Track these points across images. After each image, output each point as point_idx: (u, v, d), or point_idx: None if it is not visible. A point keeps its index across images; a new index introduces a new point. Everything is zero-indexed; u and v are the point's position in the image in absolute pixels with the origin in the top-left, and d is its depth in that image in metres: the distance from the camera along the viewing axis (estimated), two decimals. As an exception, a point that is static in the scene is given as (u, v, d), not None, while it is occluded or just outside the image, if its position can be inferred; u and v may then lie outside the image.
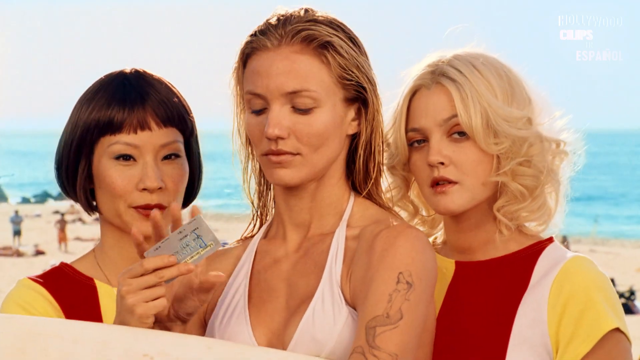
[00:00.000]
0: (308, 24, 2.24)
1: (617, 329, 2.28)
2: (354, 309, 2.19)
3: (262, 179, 2.39)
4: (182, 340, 2.10)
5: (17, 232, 33.56)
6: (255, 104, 2.25)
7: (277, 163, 2.23)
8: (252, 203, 2.40)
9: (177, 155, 2.49)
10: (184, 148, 2.51)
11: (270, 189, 2.40)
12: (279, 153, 2.22)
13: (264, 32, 2.25)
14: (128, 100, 2.45)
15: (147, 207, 2.44)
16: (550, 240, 2.41)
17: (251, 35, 2.28)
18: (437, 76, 2.37)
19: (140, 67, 2.56)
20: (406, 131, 2.39)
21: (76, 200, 2.53)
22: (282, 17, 2.26)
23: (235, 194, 2.44)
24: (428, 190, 2.37)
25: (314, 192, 2.29)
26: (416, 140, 2.39)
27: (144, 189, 2.44)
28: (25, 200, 62.43)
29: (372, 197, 2.34)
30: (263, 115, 2.24)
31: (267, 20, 2.28)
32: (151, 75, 2.52)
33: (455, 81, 2.34)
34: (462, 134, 2.34)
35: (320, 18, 2.26)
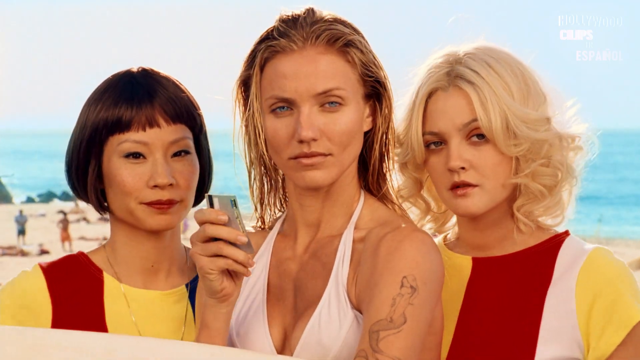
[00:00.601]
0: (327, 24, 2.24)
1: None
2: (360, 312, 2.20)
3: (264, 184, 2.39)
4: (184, 348, 2.12)
5: (21, 232, 33.54)
6: (279, 107, 2.24)
7: (310, 165, 2.22)
8: (256, 209, 2.41)
9: (186, 152, 2.49)
10: (193, 144, 2.52)
11: (275, 192, 2.41)
12: (312, 155, 2.22)
13: (284, 35, 2.24)
14: (136, 98, 2.46)
15: (159, 203, 2.45)
16: (566, 233, 2.42)
17: (267, 39, 2.26)
18: (454, 78, 2.35)
19: (147, 65, 2.56)
20: (423, 133, 2.38)
21: (87, 200, 2.54)
22: (296, 19, 2.25)
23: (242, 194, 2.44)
24: (447, 193, 2.37)
25: (329, 191, 2.30)
26: (433, 142, 2.38)
27: (155, 186, 2.44)
28: (29, 200, 62.41)
29: (384, 195, 2.35)
30: (288, 119, 2.24)
31: (280, 23, 2.26)
32: (158, 73, 2.53)
33: (473, 83, 2.33)
34: (481, 136, 2.33)
35: (339, 18, 2.27)
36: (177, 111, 2.48)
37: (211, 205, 2.17)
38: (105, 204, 2.54)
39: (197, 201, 2.58)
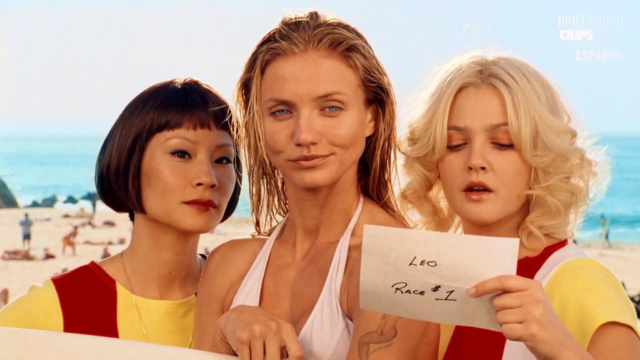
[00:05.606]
0: (329, 27, 2.23)
1: (617, 324, 2.14)
2: (352, 320, 2.17)
3: (262, 188, 2.37)
4: (177, 353, 2.12)
5: (26, 236, 33.66)
6: (279, 110, 2.22)
7: (310, 167, 2.21)
8: (253, 213, 2.40)
9: (228, 160, 2.50)
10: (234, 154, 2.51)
11: (273, 196, 2.39)
12: (312, 158, 2.20)
13: (286, 37, 2.22)
14: (189, 100, 2.46)
15: (199, 202, 2.44)
16: (561, 244, 2.34)
17: (269, 41, 2.25)
18: (487, 76, 2.29)
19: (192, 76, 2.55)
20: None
21: (125, 200, 2.48)
22: (299, 22, 2.24)
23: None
24: (459, 195, 2.30)
25: (327, 197, 2.28)
26: (454, 143, 2.30)
27: (199, 184, 2.44)
28: (34, 204, 62.56)
29: (384, 202, 2.32)
30: (287, 122, 2.22)
31: (283, 26, 2.25)
32: (204, 84, 2.53)
33: (508, 85, 2.27)
34: (504, 145, 2.27)
35: (342, 23, 2.26)
36: (227, 119, 2.46)
37: None
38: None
39: (227, 215, 2.56)
